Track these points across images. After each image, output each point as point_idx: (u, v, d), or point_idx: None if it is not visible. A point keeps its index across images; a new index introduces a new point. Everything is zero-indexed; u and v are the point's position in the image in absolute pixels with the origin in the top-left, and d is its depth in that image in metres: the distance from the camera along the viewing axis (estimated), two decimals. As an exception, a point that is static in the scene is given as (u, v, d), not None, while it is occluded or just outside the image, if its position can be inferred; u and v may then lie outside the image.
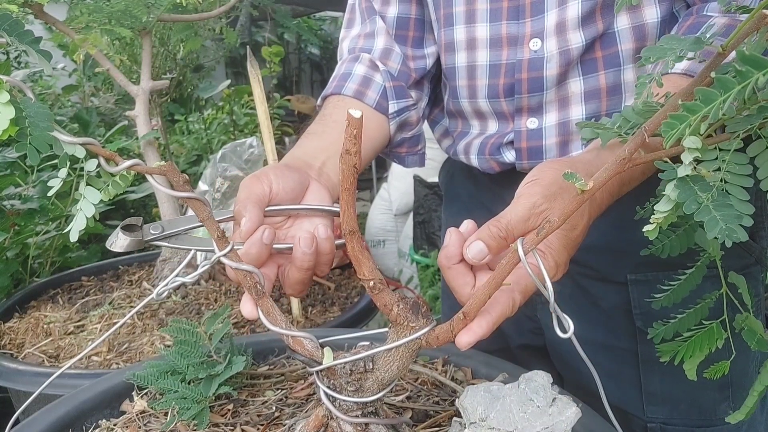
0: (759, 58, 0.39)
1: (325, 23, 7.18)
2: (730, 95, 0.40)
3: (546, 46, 0.82)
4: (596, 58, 0.81)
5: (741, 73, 0.40)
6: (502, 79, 0.86)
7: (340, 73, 0.92)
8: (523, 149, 0.87)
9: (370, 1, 0.96)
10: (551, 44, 0.81)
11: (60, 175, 0.53)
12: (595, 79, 0.81)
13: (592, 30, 0.79)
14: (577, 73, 0.82)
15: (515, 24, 0.84)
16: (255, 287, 0.58)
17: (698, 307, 0.66)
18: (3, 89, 0.46)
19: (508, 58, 0.85)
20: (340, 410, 0.58)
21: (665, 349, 0.67)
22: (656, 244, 0.64)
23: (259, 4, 1.75)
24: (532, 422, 0.54)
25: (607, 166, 0.48)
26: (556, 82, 0.83)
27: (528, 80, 0.84)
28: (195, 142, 2.66)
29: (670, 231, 0.63)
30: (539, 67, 0.82)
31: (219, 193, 1.35)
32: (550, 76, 0.82)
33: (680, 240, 0.63)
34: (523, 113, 0.86)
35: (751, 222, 0.45)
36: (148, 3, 1.14)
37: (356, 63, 0.92)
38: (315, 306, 1.31)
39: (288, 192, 0.69)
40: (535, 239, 0.50)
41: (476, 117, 0.94)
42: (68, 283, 1.42)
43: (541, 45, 0.82)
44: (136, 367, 0.78)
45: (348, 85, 0.89)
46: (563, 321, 0.51)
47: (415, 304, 0.56)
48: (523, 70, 0.83)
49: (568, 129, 0.84)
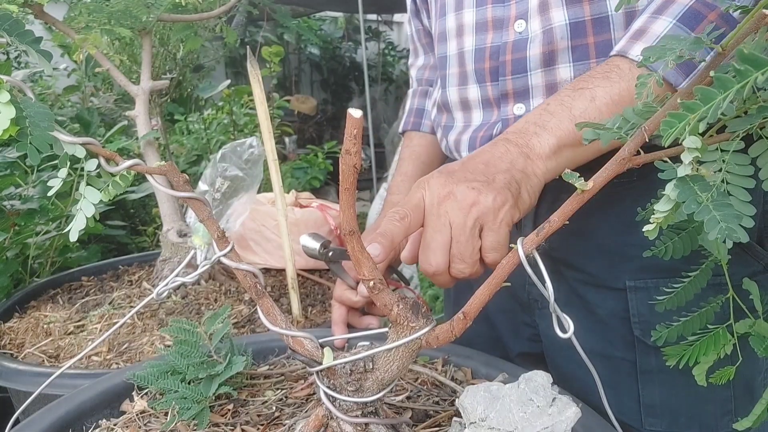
0: (758, 57, 0.39)
1: (325, 23, 7.18)
2: (729, 94, 0.40)
3: (530, 26, 0.82)
4: (588, 45, 0.79)
5: (740, 72, 0.40)
6: (488, 62, 0.87)
7: (415, 108, 1.15)
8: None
9: (429, 38, 1.11)
10: (535, 24, 0.81)
11: (60, 175, 0.53)
12: (586, 66, 0.79)
13: (577, 10, 0.78)
14: (567, 59, 0.80)
15: (500, 7, 0.85)
16: (255, 287, 0.58)
17: (703, 310, 0.65)
18: (3, 89, 0.46)
19: (493, 42, 0.86)
20: (340, 410, 0.58)
21: (671, 352, 0.66)
22: (659, 245, 0.63)
23: (258, 3, 1.74)
24: (532, 422, 0.54)
25: (606, 166, 0.48)
26: (541, 64, 0.81)
27: (511, 62, 0.84)
28: (195, 142, 2.66)
29: (673, 233, 0.62)
30: (523, 48, 0.82)
31: (219, 193, 1.35)
32: (534, 56, 0.82)
33: (683, 242, 0.62)
34: (509, 99, 0.86)
35: (752, 223, 0.44)
36: (148, 3, 1.14)
37: (427, 99, 1.14)
38: (315, 306, 1.31)
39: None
40: (535, 239, 0.50)
41: (461, 108, 0.94)
42: (68, 283, 1.41)
43: (525, 26, 0.82)
44: (136, 367, 0.78)
45: (424, 122, 1.13)
46: (563, 321, 0.51)
47: (415, 304, 0.56)
48: (507, 51, 0.84)
49: None
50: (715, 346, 0.63)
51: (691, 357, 0.64)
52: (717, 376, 0.65)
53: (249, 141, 1.38)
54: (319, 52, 7.02)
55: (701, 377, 0.64)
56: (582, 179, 0.48)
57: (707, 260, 0.63)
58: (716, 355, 0.62)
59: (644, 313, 0.82)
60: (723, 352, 0.62)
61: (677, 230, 0.62)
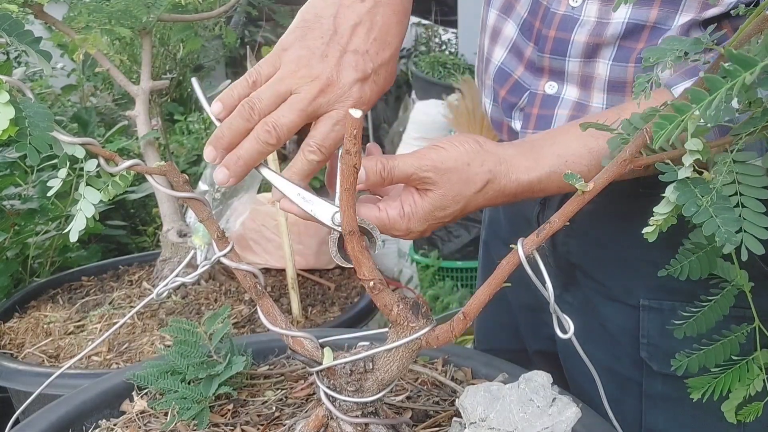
0: (747, 57, 0.39)
1: (325, 23, 7.16)
2: (718, 95, 0.40)
3: (585, 8, 0.74)
4: (634, 49, 0.72)
5: (729, 72, 0.39)
6: (538, 22, 0.79)
7: None
8: (533, 116, 0.80)
9: None
10: (592, 8, 0.74)
11: (60, 175, 0.53)
12: (623, 69, 0.73)
13: (644, 12, 0.71)
14: (608, 55, 0.74)
15: None
16: (255, 287, 0.58)
17: (727, 340, 0.60)
18: (3, 89, 0.46)
19: (550, 3, 0.77)
20: (340, 410, 0.58)
21: (695, 384, 0.61)
22: (674, 264, 0.58)
23: (258, 3, 1.75)
24: (532, 422, 0.54)
25: (607, 167, 0.48)
26: (582, 54, 0.75)
27: (554, 39, 0.76)
28: (195, 142, 2.66)
29: (689, 252, 0.58)
30: (569, 28, 0.75)
31: (219, 193, 1.35)
32: (577, 43, 0.74)
33: (701, 262, 0.57)
34: (544, 73, 0.79)
35: (767, 235, 0.43)
36: (148, 3, 1.14)
37: None
38: (315, 306, 1.31)
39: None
40: (536, 239, 0.50)
41: (490, 36, 0.87)
42: (68, 283, 1.41)
43: (581, 3, 0.74)
44: (136, 367, 0.78)
45: None
46: (564, 321, 0.51)
47: (415, 304, 0.56)
48: (553, 26, 0.76)
49: (584, 113, 0.76)
50: (741, 379, 0.59)
51: (716, 390, 0.60)
52: (745, 413, 0.61)
53: (249, 141, 1.38)
54: (319, 52, 7.01)
55: (731, 414, 0.60)
56: (582, 180, 0.48)
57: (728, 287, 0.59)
58: (745, 390, 0.59)
59: (654, 335, 0.78)
60: (754, 389, 0.58)
61: (696, 248, 0.57)
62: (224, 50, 2.32)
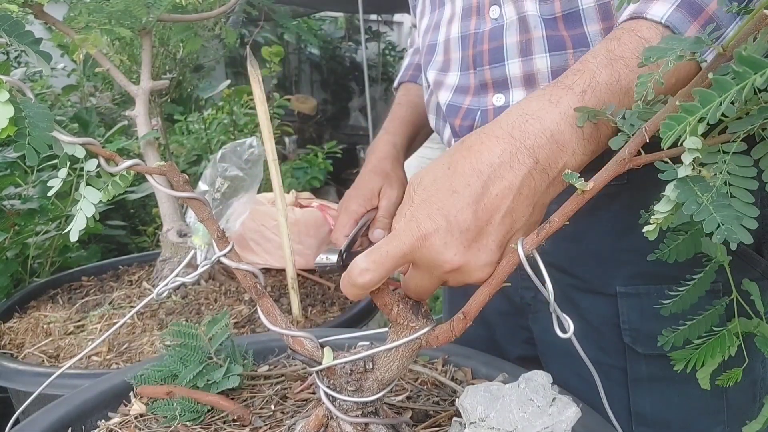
0: (757, 59, 0.39)
1: (325, 23, 7.18)
2: (728, 96, 0.40)
3: (504, 12, 0.80)
4: (563, 36, 0.76)
5: (739, 74, 0.39)
6: (471, 50, 0.85)
7: (415, 63, 1.14)
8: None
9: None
10: (510, 10, 0.79)
11: (60, 175, 0.53)
12: (564, 57, 0.75)
13: (549, 7, 0.75)
14: (542, 49, 0.77)
15: None
16: (255, 287, 0.58)
17: (708, 313, 0.64)
18: (2, 88, 0.46)
19: (476, 28, 0.84)
20: (340, 410, 0.58)
21: (678, 356, 0.65)
22: (663, 248, 0.62)
23: (257, 3, 1.74)
24: (532, 422, 0.54)
25: (607, 166, 0.48)
26: (519, 53, 0.79)
27: (489, 51, 0.82)
28: (195, 142, 2.66)
29: (676, 236, 0.62)
30: (499, 36, 0.81)
31: (219, 193, 1.35)
32: (510, 45, 0.79)
33: (687, 245, 0.61)
34: (488, 89, 0.84)
35: (755, 225, 0.44)
36: (148, 3, 1.14)
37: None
38: (315, 306, 1.31)
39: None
40: (535, 239, 0.50)
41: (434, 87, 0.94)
42: (68, 283, 1.41)
43: (499, 12, 0.80)
44: (136, 367, 0.78)
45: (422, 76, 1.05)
46: (563, 321, 0.51)
47: (415, 304, 0.56)
48: (485, 40, 0.82)
49: None
50: (721, 348, 0.62)
51: (698, 360, 0.63)
52: (725, 378, 0.64)
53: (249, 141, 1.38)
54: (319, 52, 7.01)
55: (705, 381, 0.63)
56: (582, 179, 0.48)
57: (710, 263, 0.63)
58: (721, 357, 0.61)
59: (634, 320, 0.80)
60: (728, 354, 0.61)
61: (680, 233, 0.62)
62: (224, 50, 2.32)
